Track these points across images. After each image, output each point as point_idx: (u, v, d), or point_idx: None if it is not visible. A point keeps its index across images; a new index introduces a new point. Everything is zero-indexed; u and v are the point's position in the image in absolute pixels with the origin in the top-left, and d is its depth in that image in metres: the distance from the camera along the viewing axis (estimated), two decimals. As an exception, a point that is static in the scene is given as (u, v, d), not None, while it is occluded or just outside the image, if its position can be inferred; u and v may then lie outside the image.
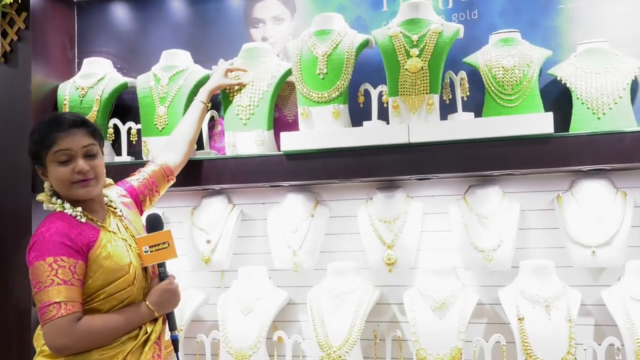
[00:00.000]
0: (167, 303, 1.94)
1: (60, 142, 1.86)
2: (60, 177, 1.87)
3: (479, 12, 2.68)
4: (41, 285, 1.73)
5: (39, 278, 1.73)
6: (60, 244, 1.76)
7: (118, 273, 1.86)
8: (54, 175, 1.88)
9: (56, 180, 1.88)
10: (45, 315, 1.72)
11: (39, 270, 1.73)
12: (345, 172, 2.48)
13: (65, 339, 1.72)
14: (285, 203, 2.76)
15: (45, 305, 1.71)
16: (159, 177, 2.27)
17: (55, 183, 1.89)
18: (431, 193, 2.71)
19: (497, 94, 2.42)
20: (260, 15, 3.00)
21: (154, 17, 3.12)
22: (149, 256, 1.94)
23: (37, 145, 1.88)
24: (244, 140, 2.65)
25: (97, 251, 1.83)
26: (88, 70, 2.94)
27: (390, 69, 2.47)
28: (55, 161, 1.86)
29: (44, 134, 1.87)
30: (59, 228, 1.80)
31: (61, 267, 1.74)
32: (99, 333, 1.79)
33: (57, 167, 1.87)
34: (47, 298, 1.72)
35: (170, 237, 1.98)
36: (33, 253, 1.77)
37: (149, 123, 2.78)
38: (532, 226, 2.60)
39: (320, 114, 2.53)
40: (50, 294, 1.72)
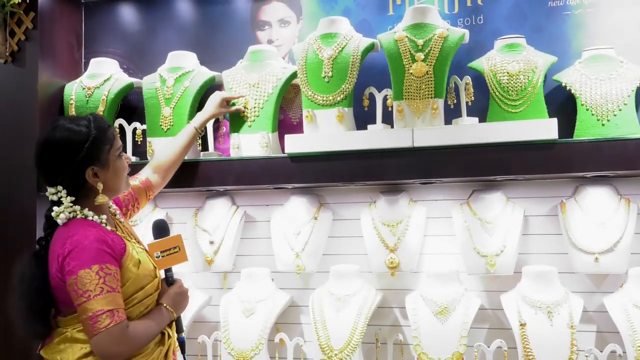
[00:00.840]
0: (180, 305, 1.98)
1: (117, 137, 1.93)
2: (123, 170, 1.92)
3: (484, 18, 2.69)
4: (90, 294, 1.69)
5: (87, 287, 1.69)
6: (103, 252, 1.75)
7: (147, 279, 1.88)
8: (117, 169, 1.90)
9: (119, 174, 1.91)
10: (97, 325, 1.69)
11: (85, 279, 1.69)
12: (349, 175, 2.48)
13: (119, 347, 1.72)
14: (288, 205, 2.76)
15: (97, 314, 1.68)
16: (142, 193, 2.28)
17: (115, 178, 1.90)
18: (435, 197, 2.71)
19: (501, 99, 2.42)
20: (266, 18, 3.01)
21: (160, 18, 3.14)
22: (160, 261, 1.97)
23: (99, 142, 1.85)
24: (248, 142, 2.66)
25: (129, 258, 1.83)
26: (95, 71, 2.96)
27: (395, 73, 2.48)
28: (117, 155, 1.90)
29: (102, 132, 1.87)
30: (97, 236, 1.78)
31: (107, 275, 1.72)
32: (143, 338, 1.80)
33: (119, 160, 1.91)
34: (99, 307, 1.69)
35: (181, 242, 2.00)
36: (74, 262, 1.72)
37: (155, 124, 2.80)
38: (535, 232, 2.60)
39: (324, 116, 2.54)
40: (101, 302, 1.69)
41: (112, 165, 1.88)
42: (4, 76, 2.90)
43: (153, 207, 2.95)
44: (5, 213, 2.86)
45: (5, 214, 2.86)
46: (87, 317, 1.70)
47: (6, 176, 2.87)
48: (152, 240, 2.00)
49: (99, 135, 1.85)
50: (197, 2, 3.10)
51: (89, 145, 1.83)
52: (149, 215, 2.89)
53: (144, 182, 2.31)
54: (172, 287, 1.98)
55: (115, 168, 1.89)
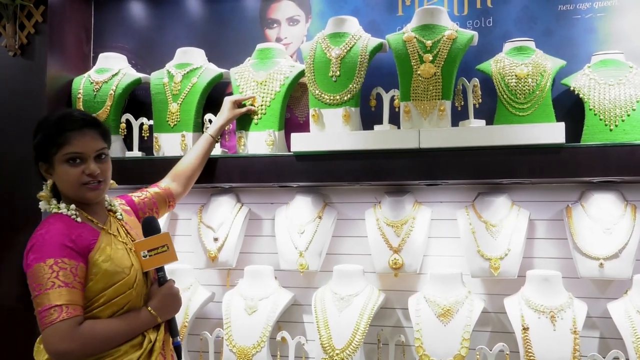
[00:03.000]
0: (168, 308, 1.89)
1: (74, 143, 1.81)
2: (69, 179, 1.82)
3: (493, 20, 2.69)
4: (41, 287, 1.65)
5: (39, 280, 1.66)
6: (62, 245, 1.71)
7: (118, 276, 1.81)
8: (62, 176, 1.83)
9: (64, 181, 1.83)
10: (45, 319, 1.64)
11: (38, 273, 1.66)
12: (355, 175, 2.49)
13: (67, 344, 1.65)
14: (293, 204, 2.77)
15: (46, 308, 1.64)
16: (161, 200, 2.26)
17: (62, 184, 1.84)
18: (440, 199, 2.71)
19: (509, 102, 2.42)
20: (275, 16, 3.02)
21: (169, 14, 3.15)
22: (148, 261, 1.89)
23: (47, 141, 1.82)
24: (254, 140, 2.67)
25: (97, 253, 1.79)
26: (103, 65, 2.97)
27: (403, 73, 2.48)
28: (64, 161, 1.82)
29: (56, 131, 1.81)
30: (59, 229, 1.75)
31: (62, 269, 1.68)
32: (101, 338, 1.72)
33: (66, 167, 1.82)
34: (48, 301, 1.65)
35: (169, 240, 1.92)
36: (32, 255, 1.71)
37: (161, 119, 2.81)
38: (540, 236, 2.60)
39: (331, 116, 2.55)
40: (50, 296, 1.65)
41: (57, 168, 1.83)
42: (13, 69, 2.92)
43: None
44: (12, 205, 2.87)
45: (12, 206, 2.87)
46: (37, 312, 1.67)
47: (13, 169, 2.89)
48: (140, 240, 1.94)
49: (47, 134, 1.81)
50: None
51: (36, 141, 1.84)
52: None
53: (164, 189, 2.30)
54: (161, 288, 1.91)
55: (59, 172, 1.83)
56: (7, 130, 2.91)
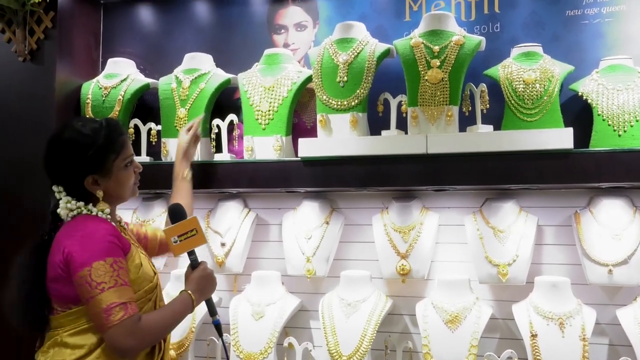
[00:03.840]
0: (206, 289, 1.95)
1: (128, 146, 1.92)
2: (128, 181, 1.91)
3: (501, 25, 2.71)
4: (105, 285, 1.68)
5: (101, 278, 1.69)
6: (115, 245, 1.76)
7: (145, 283, 1.87)
8: (122, 181, 1.89)
9: (123, 185, 1.90)
10: (111, 317, 1.68)
11: (99, 271, 1.69)
12: (362, 181, 2.51)
13: (133, 340, 1.70)
14: (300, 209, 2.80)
15: (111, 306, 1.67)
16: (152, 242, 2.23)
17: (120, 188, 1.89)
18: (447, 205, 2.73)
19: (517, 107, 2.43)
20: (283, 22, 3.05)
21: (178, 20, 3.18)
22: (178, 246, 1.95)
23: (106, 150, 1.85)
24: (262, 145, 2.69)
25: (131, 259, 1.84)
26: (112, 70, 3.02)
27: (411, 79, 2.50)
28: (123, 165, 1.89)
29: (112, 139, 1.86)
30: (109, 229, 1.79)
31: (121, 269, 1.73)
32: (157, 330, 1.79)
33: (125, 171, 1.90)
34: (112, 299, 1.68)
35: (198, 224, 1.99)
36: (87, 254, 1.72)
37: (169, 124, 2.85)
38: (549, 242, 2.61)
39: (338, 121, 2.57)
40: (115, 295, 1.69)
41: (116, 174, 1.87)
42: (22, 74, 2.97)
43: (165, 208, 2.98)
44: (19, 209, 2.91)
45: (18, 210, 2.91)
46: (100, 310, 1.69)
47: (21, 173, 2.92)
48: (169, 226, 2.00)
49: (105, 144, 1.84)
50: (214, 4, 3.15)
51: (92, 153, 1.82)
52: (161, 215, 2.93)
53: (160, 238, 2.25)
54: (195, 271, 1.95)
55: (119, 177, 1.88)
56: (16, 135, 2.95)
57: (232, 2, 3.11)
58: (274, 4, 3.06)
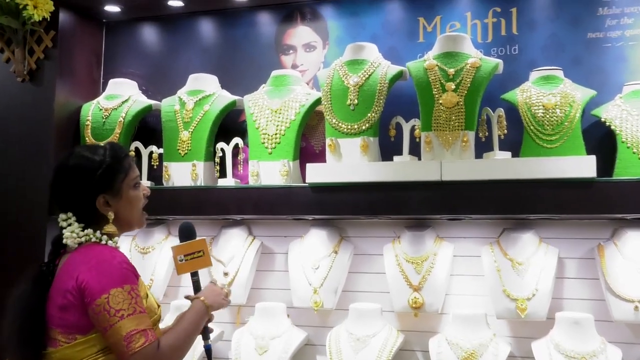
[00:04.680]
0: (217, 304, 1.97)
1: (134, 168, 1.92)
2: (137, 203, 1.91)
3: (519, 48, 2.68)
4: (124, 313, 1.70)
5: (120, 306, 1.71)
6: (131, 273, 1.77)
7: (151, 313, 1.85)
8: (132, 201, 1.89)
9: (133, 206, 1.90)
10: (132, 345, 1.69)
11: (118, 298, 1.71)
12: (373, 208, 2.47)
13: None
14: (307, 237, 2.76)
15: (132, 333, 1.69)
16: None
17: (129, 210, 1.89)
18: (463, 234, 2.68)
19: (536, 133, 2.40)
20: (291, 42, 3.04)
21: (182, 40, 3.18)
22: (183, 265, 1.99)
23: (115, 169, 1.86)
24: (268, 170, 2.66)
25: (140, 288, 1.82)
26: (113, 91, 3.00)
27: (424, 102, 2.47)
28: (132, 185, 1.89)
29: (119, 159, 1.88)
30: (122, 257, 1.80)
31: (138, 296, 1.75)
32: (177, 348, 1.81)
33: (134, 192, 1.90)
34: (132, 326, 1.70)
35: (205, 246, 2.03)
36: (105, 280, 1.73)
37: (172, 148, 2.82)
38: (570, 275, 2.56)
39: (348, 146, 2.54)
40: (134, 321, 1.71)
41: (126, 194, 1.88)
42: (21, 95, 2.96)
43: (166, 235, 2.95)
44: (16, 234, 2.89)
45: (16, 235, 2.89)
46: (120, 338, 1.69)
47: (20, 197, 2.91)
48: (177, 244, 2.03)
49: (113, 163, 1.87)
50: (220, 24, 3.15)
51: (101, 172, 1.85)
52: (161, 243, 2.90)
53: None
54: (209, 285, 2.00)
55: (129, 198, 1.89)
56: (14, 158, 2.94)
57: (238, 22, 3.11)
58: (282, 23, 3.06)
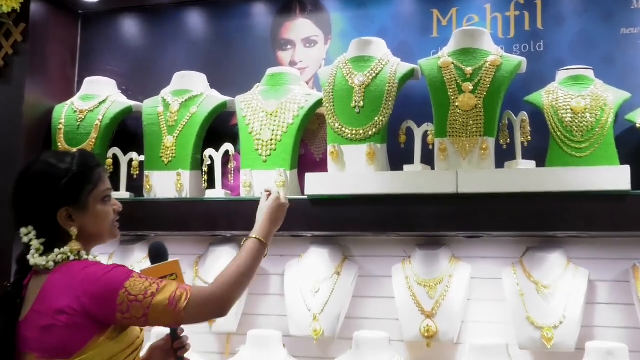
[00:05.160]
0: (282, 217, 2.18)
1: (105, 180, 1.96)
2: (107, 218, 1.95)
3: (545, 44, 2.73)
4: (150, 290, 1.79)
5: (143, 287, 1.79)
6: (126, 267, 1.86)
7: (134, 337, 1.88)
8: (100, 216, 1.92)
9: (101, 221, 1.93)
10: (179, 304, 1.79)
11: (135, 285, 1.79)
12: (380, 224, 2.50)
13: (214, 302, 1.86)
14: (306, 257, 2.79)
15: (172, 298, 1.79)
16: None
17: (97, 225, 1.93)
18: (481, 254, 2.72)
19: (564, 140, 2.44)
20: (289, 36, 3.09)
21: (166, 33, 3.23)
22: None
23: (81, 180, 1.90)
24: (262, 180, 2.70)
25: None
26: (89, 91, 3.05)
27: (439, 105, 2.52)
28: (100, 199, 1.93)
29: (89, 169, 1.92)
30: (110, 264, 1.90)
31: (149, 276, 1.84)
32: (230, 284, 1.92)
33: (103, 206, 1.93)
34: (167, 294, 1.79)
35: (178, 268, 2.03)
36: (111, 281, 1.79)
37: (154, 155, 2.87)
38: (602, 300, 2.59)
39: (353, 153, 2.58)
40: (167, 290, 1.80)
41: (92, 209, 1.91)
42: (-14, 95, 3.00)
43: (145, 255, 2.98)
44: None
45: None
46: (165, 309, 1.79)
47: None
48: (147, 267, 2.03)
49: (80, 173, 1.90)
50: (209, 16, 3.20)
51: (65, 182, 1.88)
52: (141, 262, 2.92)
53: None
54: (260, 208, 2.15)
55: (96, 213, 1.92)
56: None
57: (230, 13, 3.16)
58: (279, 15, 3.11)
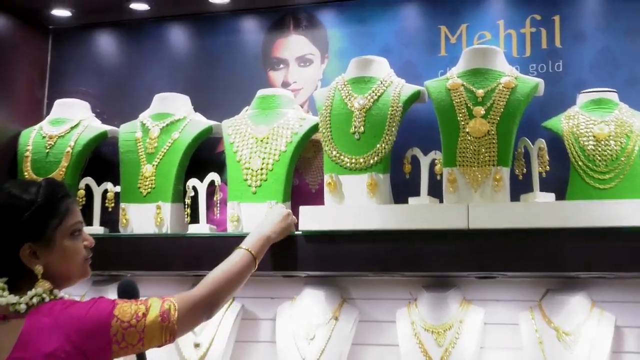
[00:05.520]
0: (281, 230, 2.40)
1: (74, 212, 1.97)
2: (77, 254, 1.96)
3: (564, 64, 2.76)
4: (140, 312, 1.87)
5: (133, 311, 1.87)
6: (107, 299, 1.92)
7: None
8: (66, 251, 1.92)
9: (69, 258, 1.93)
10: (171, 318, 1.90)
11: (124, 311, 1.86)
12: (383, 263, 2.49)
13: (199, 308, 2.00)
14: (300, 299, 2.79)
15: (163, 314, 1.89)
16: None
17: (65, 262, 1.93)
18: (495, 297, 2.71)
19: (586, 170, 2.45)
20: (282, 55, 3.12)
21: (147, 51, 3.26)
22: None
23: (45, 213, 1.89)
24: (251, 214, 2.69)
25: None
26: (59, 115, 3.06)
27: (447, 131, 2.53)
28: (68, 234, 1.93)
29: (54, 200, 1.91)
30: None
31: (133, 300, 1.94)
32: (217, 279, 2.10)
33: (71, 241, 1.93)
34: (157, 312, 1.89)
35: None
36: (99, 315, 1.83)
37: (132, 185, 2.87)
38: (630, 349, 2.58)
39: (352, 184, 2.58)
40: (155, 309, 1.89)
41: (59, 245, 1.91)
42: (-57, 119, 3.02)
43: None
44: None
45: None
46: (159, 327, 1.88)
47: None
48: None
49: (45, 205, 1.89)
50: (193, 32, 3.23)
51: (29, 215, 1.87)
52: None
53: None
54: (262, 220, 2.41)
55: (63, 250, 1.92)
56: None
57: (216, 29, 3.19)
58: (271, 31, 3.13)
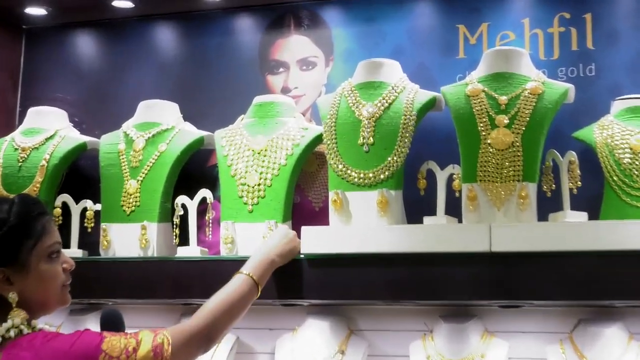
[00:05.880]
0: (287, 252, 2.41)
1: (51, 231, 1.97)
2: (55, 278, 1.96)
3: (596, 67, 2.76)
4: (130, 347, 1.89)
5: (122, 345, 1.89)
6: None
7: None
8: (43, 276, 1.93)
9: (46, 282, 1.94)
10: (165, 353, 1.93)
11: (113, 345, 1.88)
12: (394, 290, 2.49)
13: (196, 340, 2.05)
14: (302, 331, 2.78)
15: (155, 348, 1.92)
16: None
17: (39, 287, 1.93)
18: (521, 328, 2.71)
19: (621, 186, 2.45)
20: (282, 57, 3.13)
21: (131, 53, 3.27)
22: None
23: (19, 234, 1.90)
24: (247, 235, 2.70)
25: None
26: (33, 124, 3.06)
27: (467, 142, 2.53)
28: (45, 256, 1.93)
29: (29, 219, 1.91)
30: None
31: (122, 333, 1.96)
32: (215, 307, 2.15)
33: (48, 264, 1.94)
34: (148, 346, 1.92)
35: None
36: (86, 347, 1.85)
37: (114, 203, 2.87)
38: (674, 387, 2.57)
39: (361, 202, 2.58)
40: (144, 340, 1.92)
41: (35, 269, 1.91)
42: None
43: None
44: None
45: None
46: (152, 358, 1.91)
47: None
48: None
49: (19, 224, 1.90)
50: (183, 32, 3.25)
51: (0, 237, 1.87)
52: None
53: None
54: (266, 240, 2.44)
55: (40, 274, 1.92)
56: None
57: (208, 29, 3.20)
58: (269, 31, 3.15)
